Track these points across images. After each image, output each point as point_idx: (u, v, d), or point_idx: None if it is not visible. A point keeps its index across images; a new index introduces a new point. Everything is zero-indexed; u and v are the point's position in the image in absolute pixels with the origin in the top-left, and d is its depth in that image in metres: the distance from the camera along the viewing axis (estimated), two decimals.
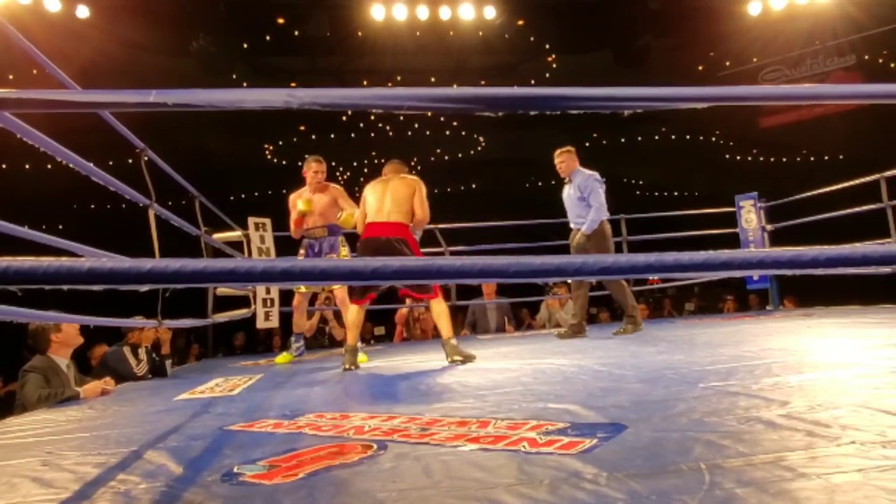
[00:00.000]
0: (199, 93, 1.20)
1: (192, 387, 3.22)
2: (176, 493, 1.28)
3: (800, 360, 2.46)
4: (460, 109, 1.21)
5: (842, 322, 4.05)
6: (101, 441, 1.92)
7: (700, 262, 0.98)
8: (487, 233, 7.47)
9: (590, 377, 2.45)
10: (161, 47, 8.93)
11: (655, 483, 1.09)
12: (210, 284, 2.39)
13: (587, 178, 4.65)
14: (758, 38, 10.14)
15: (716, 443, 1.30)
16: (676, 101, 1.28)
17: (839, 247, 0.99)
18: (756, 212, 6.61)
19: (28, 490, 1.40)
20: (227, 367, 4.56)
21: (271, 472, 1.37)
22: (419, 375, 3.00)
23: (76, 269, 0.86)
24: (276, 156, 11.82)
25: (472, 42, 9.73)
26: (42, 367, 3.22)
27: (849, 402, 1.58)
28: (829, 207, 5.88)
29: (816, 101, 1.66)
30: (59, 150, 2.35)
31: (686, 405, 1.71)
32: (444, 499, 1.11)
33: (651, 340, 3.89)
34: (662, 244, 6.49)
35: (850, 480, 1.02)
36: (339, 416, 1.99)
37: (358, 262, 0.98)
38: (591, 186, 4.60)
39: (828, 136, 10.46)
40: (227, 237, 5.80)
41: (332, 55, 9.98)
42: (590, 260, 0.97)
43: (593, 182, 4.63)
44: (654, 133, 12.17)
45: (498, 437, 1.51)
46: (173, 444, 1.77)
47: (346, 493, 1.19)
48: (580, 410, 1.77)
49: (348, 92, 1.23)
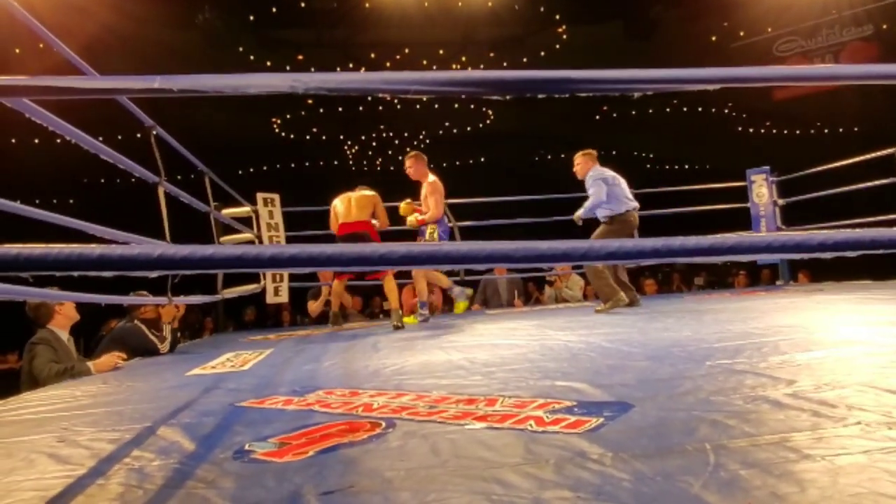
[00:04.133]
0: (205, 78, 1.20)
1: (204, 362, 3.26)
2: (189, 470, 1.30)
3: (808, 337, 2.46)
4: (466, 92, 1.20)
5: (851, 298, 4.04)
6: (115, 417, 1.96)
7: (707, 247, 0.98)
8: (497, 208, 7.46)
9: (597, 354, 2.46)
10: (166, 21, 8.85)
11: (660, 463, 1.10)
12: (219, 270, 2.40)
13: (591, 178, 4.82)
14: (772, 8, 9.93)
15: (721, 423, 1.31)
16: (686, 83, 1.26)
17: (848, 231, 0.99)
18: (768, 186, 6.54)
19: (45, 466, 1.43)
20: (238, 341, 4.61)
21: (282, 449, 1.40)
22: (427, 351, 3.03)
23: (86, 255, 0.86)
24: (284, 129, 11.77)
25: (481, 13, 9.59)
26: (48, 339, 3.27)
27: (855, 381, 1.58)
28: (843, 181, 5.82)
29: (829, 81, 1.63)
30: (68, 128, 2.36)
31: (692, 384, 1.72)
32: (451, 478, 1.12)
33: (659, 316, 3.90)
34: (672, 219, 6.46)
35: (854, 462, 1.03)
36: (348, 393, 2.01)
37: (366, 247, 0.98)
38: (592, 183, 4.79)
39: (842, 109, 10.28)
40: (237, 213, 5.82)
41: (338, 27, 9.88)
42: (596, 245, 0.97)
43: (594, 180, 4.79)
44: (665, 106, 12.01)
45: (505, 416, 1.53)
46: (186, 421, 1.80)
47: (355, 471, 1.21)
48: (587, 388, 1.78)
49: (353, 76, 1.22)
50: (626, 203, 4.82)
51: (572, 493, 1.00)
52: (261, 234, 5.82)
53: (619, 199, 4.80)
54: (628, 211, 4.81)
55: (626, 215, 4.80)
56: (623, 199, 4.82)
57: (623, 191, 4.86)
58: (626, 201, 4.83)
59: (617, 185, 4.83)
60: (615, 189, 4.80)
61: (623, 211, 4.79)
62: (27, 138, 9.38)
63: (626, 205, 4.82)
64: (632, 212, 4.84)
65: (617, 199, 4.79)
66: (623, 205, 4.80)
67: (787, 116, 11.61)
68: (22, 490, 1.26)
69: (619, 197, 4.80)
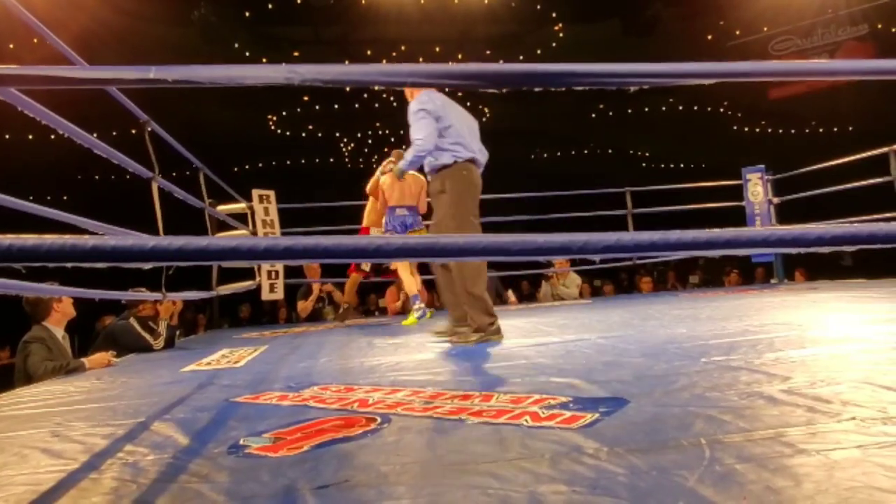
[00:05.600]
0: (200, 69, 1.19)
1: (199, 358, 3.25)
2: (183, 464, 1.30)
3: (802, 334, 2.47)
4: (463, 85, 1.20)
5: (845, 296, 4.05)
6: (108, 412, 1.95)
7: (704, 241, 0.98)
8: (494, 205, 7.45)
9: (592, 351, 2.46)
10: (161, 16, 8.83)
11: (656, 458, 1.10)
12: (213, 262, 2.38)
13: (414, 107, 3.24)
14: (768, 7, 9.95)
15: (716, 418, 1.31)
16: (681, 77, 1.26)
17: (844, 225, 0.99)
18: (763, 185, 6.56)
19: (38, 461, 1.42)
20: (233, 338, 4.60)
21: (276, 444, 1.39)
22: (423, 348, 3.02)
23: (79, 246, 0.86)
24: (280, 126, 11.75)
25: (478, 11, 9.58)
26: (43, 337, 3.26)
27: (850, 377, 1.58)
28: (838, 180, 5.82)
29: (824, 77, 1.63)
30: (62, 123, 2.34)
31: (688, 380, 1.72)
32: (447, 472, 1.12)
33: (654, 314, 3.90)
34: (667, 218, 6.46)
35: (849, 457, 1.03)
36: (343, 389, 2.01)
37: (361, 239, 0.98)
38: (413, 116, 3.23)
39: (838, 108, 10.32)
40: (232, 209, 5.79)
41: (335, 24, 9.86)
42: (594, 238, 0.96)
43: (416, 110, 3.21)
44: (661, 104, 12.03)
45: (500, 411, 1.52)
46: (180, 416, 1.79)
47: (350, 466, 1.20)
48: (582, 384, 1.78)
49: (350, 68, 1.21)
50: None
51: (568, 487, 1.00)
52: (256, 230, 5.80)
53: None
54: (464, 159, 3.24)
55: (465, 168, 3.22)
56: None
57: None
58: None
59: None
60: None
61: (456, 159, 3.21)
62: (20, 134, 9.34)
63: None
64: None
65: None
66: (447, 150, 3.22)
67: (783, 115, 11.65)
68: (14, 484, 1.25)
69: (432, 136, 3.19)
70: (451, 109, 3.30)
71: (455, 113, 3.31)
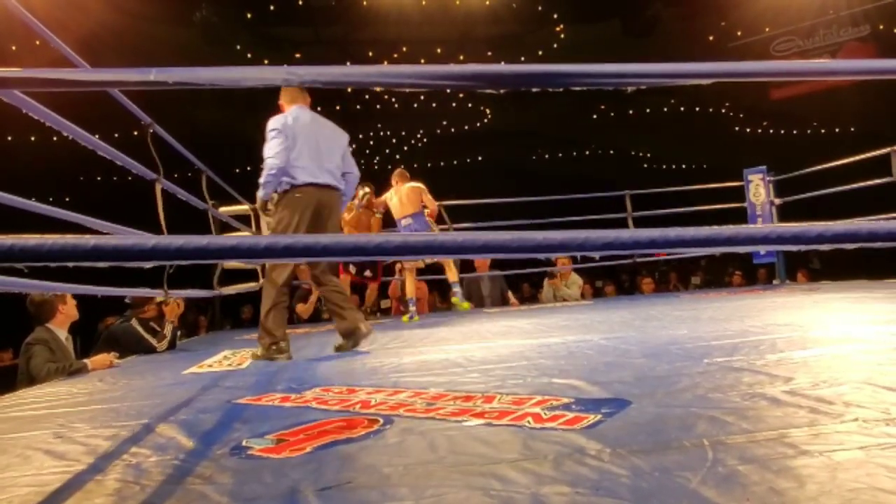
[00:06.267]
0: (200, 70, 1.19)
1: (201, 360, 3.25)
2: (186, 466, 1.30)
3: (804, 335, 2.46)
4: (463, 87, 1.20)
5: (847, 297, 4.05)
6: (112, 414, 1.95)
7: (704, 238, 0.98)
8: (494, 209, 7.45)
9: (595, 352, 2.46)
10: (163, 17, 8.84)
11: (658, 459, 1.10)
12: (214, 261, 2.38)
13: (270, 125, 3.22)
14: (770, 7, 9.95)
15: (719, 419, 1.30)
16: (682, 77, 1.26)
17: (845, 223, 0.99)
18: (765, 185, 6.55)
19: (41, 462, 1.42)
20: (235, 339, 4.60)
21: (279, 445, 1.39)
22: (424, 349, 3.02)
23: (81, 246, 0.86)
24: None
25: (479, 11, 9.59)
26: (46, 339, 3.26)
27: (852, 378, 1.58)
28: (840, 181, 5.81)
29: (825, 77, 1.63)
30: (65, 124, 2.35)
31: (690, 381, 1.72)
32: (449, 474, 1.12)
33: (656, 315, 3.90)
34: (668, 220, 6.46)
35: (852, 458, 1.03)
36: (345, 391, 2.01)
37: (361, 237, 0.98)
38: (267, 136, 3.20)
39: (839, 109, 10.31)
40: (235, 211, 5.80)
41: (336, 25, 9.87)
42: (593, 235, 0.96)
43: (270, 130, 3.21)
44: (662, 105, 12.03)
45: (503, 412, 1.52)
46: (183, 418, 1.79)
47: (352, 467, 1.20)
48: (584, 386, 1.78)
49: (350, 69, 1.21)
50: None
51: (570, 488, 1.00)
52: (259, 232, 5.80)
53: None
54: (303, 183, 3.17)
55: (300, 191, 3.17)
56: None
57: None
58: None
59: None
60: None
61: (295, 182, 3.17)
62: (23, 135, 9.36)
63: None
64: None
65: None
66: (294, 172, 3.18)
67: (784, 116, 11.65)
68: (18, 486, 1.26)
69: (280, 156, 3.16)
70: (307, 129, 3.28)
71: (307, 132, 3.27)
